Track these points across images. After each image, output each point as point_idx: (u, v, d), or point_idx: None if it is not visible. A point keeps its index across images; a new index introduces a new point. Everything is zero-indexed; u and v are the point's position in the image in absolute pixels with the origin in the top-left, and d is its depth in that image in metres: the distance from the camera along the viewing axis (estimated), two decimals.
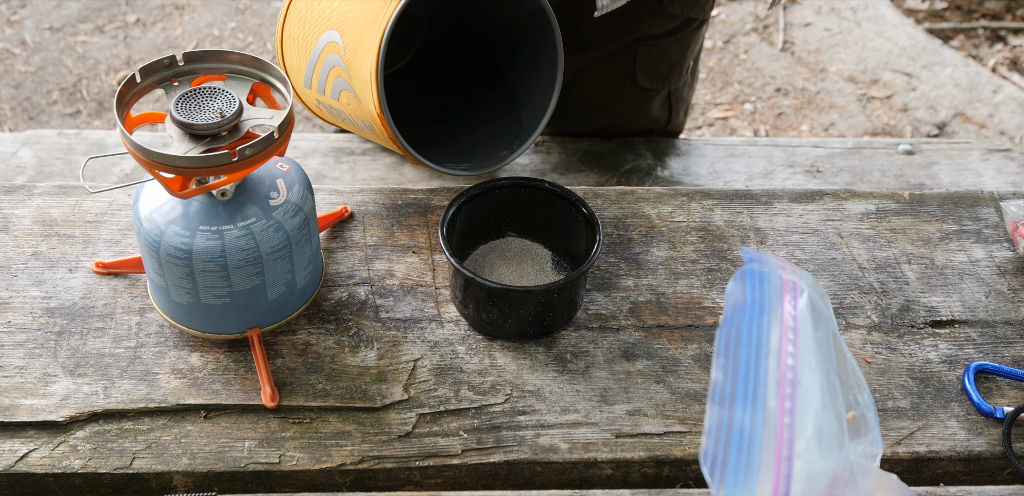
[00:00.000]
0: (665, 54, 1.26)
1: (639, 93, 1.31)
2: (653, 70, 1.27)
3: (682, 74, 1.31)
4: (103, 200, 0.96)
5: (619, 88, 1.30)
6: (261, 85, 0.77)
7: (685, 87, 1.35)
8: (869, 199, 1.01)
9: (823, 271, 0.93)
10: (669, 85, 1.31)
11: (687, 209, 0.98)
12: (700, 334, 0.87)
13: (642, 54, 1.25)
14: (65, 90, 2.19)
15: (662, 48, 1.25)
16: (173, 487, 0.77)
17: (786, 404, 0.59)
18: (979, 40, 2.41)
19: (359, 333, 0.86)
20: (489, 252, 0.89)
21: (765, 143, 1.45)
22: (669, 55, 1.26)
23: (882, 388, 0.84)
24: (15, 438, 0.78)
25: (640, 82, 1.29)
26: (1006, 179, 1.38)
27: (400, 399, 0.81)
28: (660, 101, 1.34)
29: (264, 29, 2.37)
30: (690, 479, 0.80)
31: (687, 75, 1.33)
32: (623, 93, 1.31)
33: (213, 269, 0.76)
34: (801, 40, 2.38)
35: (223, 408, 0.80)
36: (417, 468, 0.78)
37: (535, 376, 0.83)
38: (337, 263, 0.91)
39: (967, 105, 2.19)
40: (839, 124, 2.17)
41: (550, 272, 0.88)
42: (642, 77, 1.28)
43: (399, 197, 0.98)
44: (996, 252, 0.96)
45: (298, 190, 0.78)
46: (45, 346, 0.83)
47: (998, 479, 0.82)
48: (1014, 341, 0.88)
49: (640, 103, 1.33)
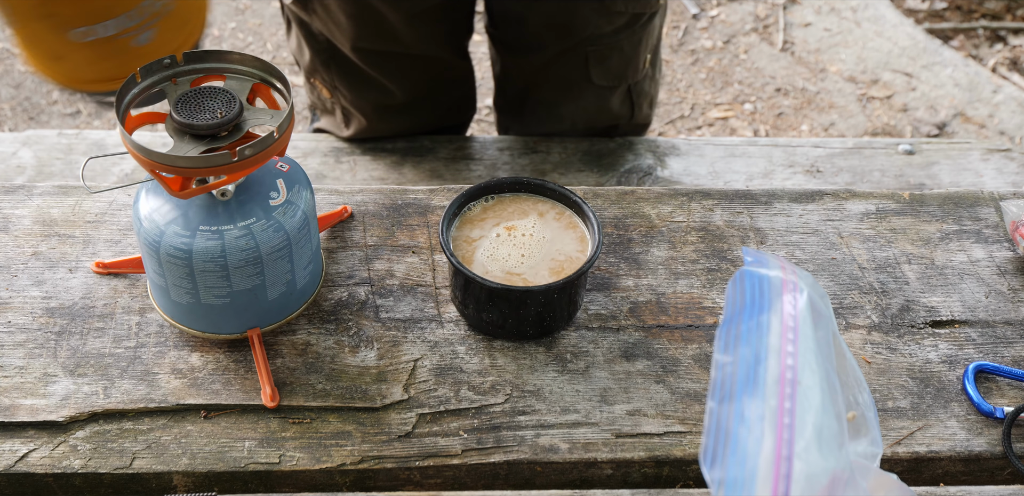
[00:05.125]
0: (617, 51, 1.25)
1: (596, 91, 1.31)
2: (607, 68, 1.27)
3: (639, 68, 1.30)
4: (103, 200, 0.96)
5: (575, 88, 1.30)
6: (261, 85, 0.77)
7: (646, 80, 1.35)
8: (869, 199, 1.01)
9: (823, 271, 0.93)
10: (627, 80, 1.31)
11: (687, 209, 0.98)
12: (700, 334, 0.87)
13: (593, 53, 1.24)
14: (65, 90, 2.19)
15: (613, 46, 1.24)
16: (173, 487, 0.77)
17: (786, 404, 0.59)
18: (979, 40, 2.41)
19: (359, 333, 0.86)
20: None
21: (765, 143, 1.45)
22: (622, 52, 1.26)
23: (882, 388, 0.84)
24: (15, 438, 0.78)
25: (595, 80, 1.28)
26: (1006, 179, 1.38)
27: (400, 399, 0.81)
28: (620, 97, 1.34)
29: (264, 29, 2.37)
30: (690, 479, 0.80)
31: (646, 68, 1.32)
32: (580, 92, 1.31)
33: (213, 269, 0.76)
34: (801, 40, 2.38)
35: (223, 408, 0.80)
36: (417, 468, 0.78)
37: (535, 376, 0.83)
38: (337, 263, 0.92)
39: (967, 105, 2.19)
40: (839, 124, 2.17)
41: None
42: (596, 75, 1.28)
43: (399, 197, 0.98)
44: (996, 252, 0.96)
45: (298, 190, 0.78)
46: (45, 346, 0.84)
47: (998, 479, 0.82)
48: (1014, 341, 0.88)
49: (599, 100, 1.33)
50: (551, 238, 0.85)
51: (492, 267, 0.83)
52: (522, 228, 0.86)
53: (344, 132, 1.38)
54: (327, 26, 1.22)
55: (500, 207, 0.88)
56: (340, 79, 1.30)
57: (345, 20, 1.19)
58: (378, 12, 1.17)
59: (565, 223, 0.87)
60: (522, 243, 0.85)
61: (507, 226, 0.86)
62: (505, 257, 0.84)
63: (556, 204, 0.88)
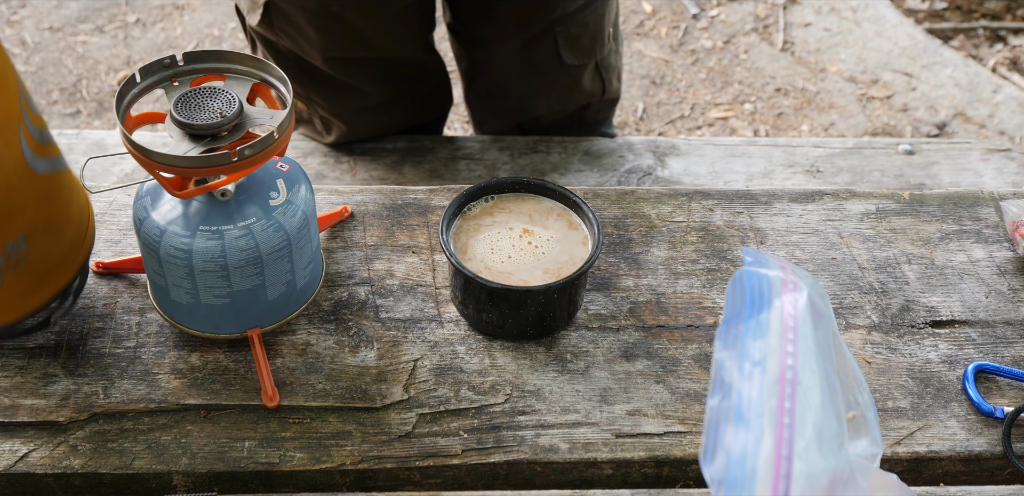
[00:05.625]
0: (584, 28, 1.27)
1: (567, 71, 1.32)
2: (576, 46, 1.28)
3: (605, 43, 1.32)
4: (103, 200, 0.96)
5: (547, 70, 1.31)
6: (261, 85, 0.77)
7: (611, 54, 1.36)
8: (869, 199, 1.01)
9: (823, 271, 0.93)
10: (595, 56, 1.32)
11: (687, 209, 0.98)
12: (700, 334, 0.87)
13: (562, 33, 1.26)
14: (65, 90, 2.19)
15: (579, 23, 1.26)
16: (173, 487, 0.77)
17: (786, 404, 0.59)
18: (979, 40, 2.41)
19: (359, 333, 0.86)
20: None
21: (765, 143, 1.45)
22: (588, 28, 1.27)
23: (882, 388, 0.84)
24: (15, 438, 0.78)
25: (566, 60, 1.29)
26: (1006, 179, 1.38)
27: (400, 399, 0.81)
28: (590, 74, 1.35)
29: None
30: (690, 479, 0.80)
31: (610, 42, 1.34)
32: (552, 75, 1.32)
33: (213, 269, 0.76)
34: (801, 40, 2.38)
35: (223, 408, 0.80)
36: (417, 468, 0.78)
37: (535, 376, 0.83)
38: (337, 263, 0.92)
39: (967, 105, 2.19)
40: (839, 124, 2.17)
41: None
42: (567, 55, 1.29)
43: (399, 197, 0.98)
44: (996, 252, 0.96)
45: (298, 190, 0.78)
46: (45, 346, 0.84)
47: (998, 479, 0.82)
48: (1014, 341, 0.88)
49: (571, 81, 1.34)
50: (551, 238, 0.85)
51: (492, 267, 0.83)
52: (522, 228, 0.86)
53: (326, 138, 1.39)
54: (295, 42, 1.22)
55: (500, 207, 0.88)
56: (314, 91, 1.30)
57: (314, 33, 1.19)
58: (347, 21, 1.17)
59: (565, 223, 0.87)
60: (522, 243, 0.85)
61: (507, 226, 0.86)
62: (505, 257, 0.84)
63: (556, 204, 0.88)
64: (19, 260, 0.73)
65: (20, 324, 0.78)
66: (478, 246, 0.85)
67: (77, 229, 0.79)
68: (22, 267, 0.73)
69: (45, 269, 0.76)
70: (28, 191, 0.71)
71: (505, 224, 0.86)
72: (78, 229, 0.79)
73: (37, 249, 0.74)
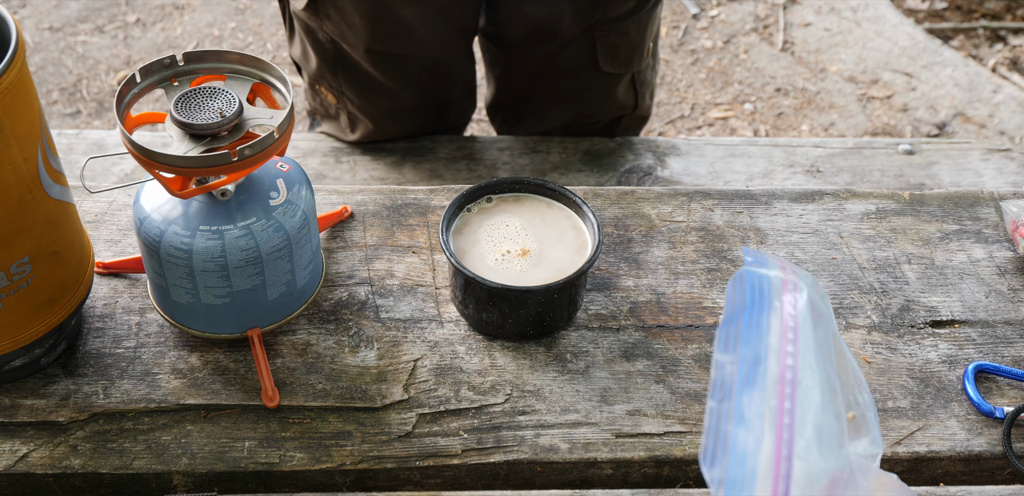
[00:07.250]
0: (624, 37, 1.27)
1: (603, 79, 1.32)
2: (614, 54, 1.28)
3: (643, 56, 1.32)
4: (103, 200, 0.96)
5: (583, 76, 1.31)
6: (261, 85, 0.77)
7: (648, 70, 1.36)
8: (869, 199, 1.01)
9: (823, 271, 0.93)
10: (632, 68, 1.32)
11: (687, 209, 0.98)
12: (700, 334, 0.87)
13: (601, 39, 1.25)
14: (65, 90, 2.19)
15: (621, 31, 1.25)
16: (173, 487, 0.77)
17: (786, 404, 0.59)
18: (979, 40, 2.41)
19: (359, 333, 0.86)
20: None
21: (765, 143, 1.45)
22: (628, 37, 1.27)
23: (882, 388, 0.84)
24: (15, 438, 0.78)
25: (603, 68, 1.29)
26: (1006, 179, 1.38)
27: (400, 399, 0.81)
28: (625, 86, 1.35)
29: (264, 29, 2.37)
30: (690, 479, 0.80)
31: (648, 57, 1.34)
32: (587, 81, 1.32)
33: (213, 269, 0.76)
34: (801, 40, 2.38)
35: (223, 408, 0.80)
36: (417, 468, 0.78)
37: (535, 376, 0.83)
38: (337, 263, 0.92)
39: (967, 105, 2.19)
40: (839, 124, 2.17)
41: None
42: (604, 62, 1.29)
43: (399, 197, 0.98)
44: (996, 252, 0.96)
45: (298, 190, 0.78)
46: None
47: (998, 479, 0.82)
48: (1014, 341, 0.88)
49: (605, 90, 1.34)
50: (551, 238, 0.85)
51: (492, 267, 0.83)
52: (522, 228, 0.86)
53: (349, 136, 1.39)
54: (339, 29, 1.21)
55: (500, 207, 0.88)
56: (348, 85, 1.30)
57: (360, 21, 1.18)
58: (395, 11, 1.17)
59: (565, 223, 0.87)
60: (522, 243, 0.85)
61: (507, 226, 0.86)
62: (505, 257, 0.84)
63: (556, 204, 0.88)
64: (21, 284, 0.73)
65: (9, 359, 0.78)
66: (478, 246, 0.85)
67: (79, 265, 0.79)
68: (23, 292, 0.74)
69: (44, 299, 0.76)
70: (39, 212, 0.72)
71: (505, 224, 0.86)
72: (79, 265, 0.80)
73: (40, 275, 0.74)
